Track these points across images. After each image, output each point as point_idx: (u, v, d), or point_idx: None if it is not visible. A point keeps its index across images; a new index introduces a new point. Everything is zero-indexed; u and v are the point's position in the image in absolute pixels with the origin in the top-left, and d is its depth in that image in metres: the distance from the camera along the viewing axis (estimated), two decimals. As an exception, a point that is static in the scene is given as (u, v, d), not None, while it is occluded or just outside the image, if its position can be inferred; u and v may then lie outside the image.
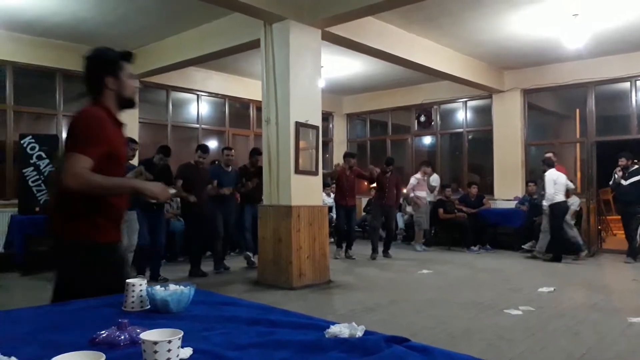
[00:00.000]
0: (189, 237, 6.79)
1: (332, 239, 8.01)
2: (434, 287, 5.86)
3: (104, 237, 2.09)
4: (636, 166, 7.88)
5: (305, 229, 5.94)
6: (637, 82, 8.93)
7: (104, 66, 2.15)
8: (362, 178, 8.98)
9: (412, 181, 9.61)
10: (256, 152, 7.50)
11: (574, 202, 8.65)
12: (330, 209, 8.44)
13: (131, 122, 8.69)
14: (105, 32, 7.58)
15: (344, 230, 8.29)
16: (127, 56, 2.19)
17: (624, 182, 7.88)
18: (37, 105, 8.22)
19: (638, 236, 7.80)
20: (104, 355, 1.16)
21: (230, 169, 7.14)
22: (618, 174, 8.05)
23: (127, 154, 5.78)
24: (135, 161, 6.58)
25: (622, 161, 8.00)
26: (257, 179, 7.05)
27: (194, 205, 6.41)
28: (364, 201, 11.65)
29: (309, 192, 6.13)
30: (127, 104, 2.22)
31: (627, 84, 9.03)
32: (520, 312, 4.56)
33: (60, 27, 7.33)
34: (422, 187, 9.58)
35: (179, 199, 7.14)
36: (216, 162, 7.74)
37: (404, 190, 9.46)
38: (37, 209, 7.06)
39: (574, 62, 9.15)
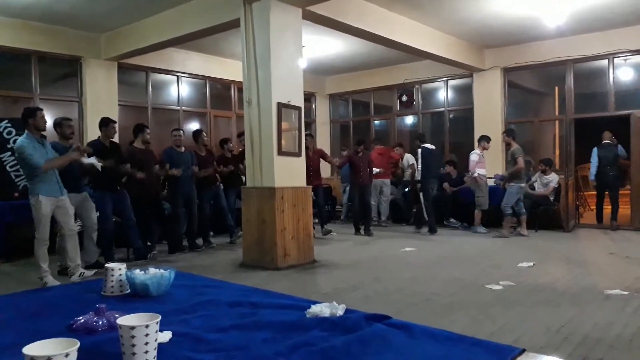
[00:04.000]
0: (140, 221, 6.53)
1: (316, 220, 8.03)
2: (417, 264, 5.94)
3: None
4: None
5: (289, 210, 5.95)
6: (615, 59, 9.02)
7: None
8: (325, 160, 8.97)
9: (474, 157, 8.66)
10: (227, 140, 8.18)
11: (552, 179, 8.77)
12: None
13: (110, 105, 8.55)
14: (81, 13, 7.39)
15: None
16: None
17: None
18: (12, 89, 8.00)
19: (424, 208, 8.73)
20: (78, 342, 1.15)
21: (183, 149, 7.13)
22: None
23: (65, 132, 5.67)
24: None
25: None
26: (232, 165, 7.71)
27: (142, 187, 6.44)
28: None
29: (292, 174, 6.12)
30: None
31: (605, 62, 9.11)
32: (500, 287, 4.66)
33: (34, 8, 7.11)
34: (482, 165, 8.67)
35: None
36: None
37: (469, 169, 8.79)
38: (16, 194, 6.92)
39: (553, 40, 9.20)
